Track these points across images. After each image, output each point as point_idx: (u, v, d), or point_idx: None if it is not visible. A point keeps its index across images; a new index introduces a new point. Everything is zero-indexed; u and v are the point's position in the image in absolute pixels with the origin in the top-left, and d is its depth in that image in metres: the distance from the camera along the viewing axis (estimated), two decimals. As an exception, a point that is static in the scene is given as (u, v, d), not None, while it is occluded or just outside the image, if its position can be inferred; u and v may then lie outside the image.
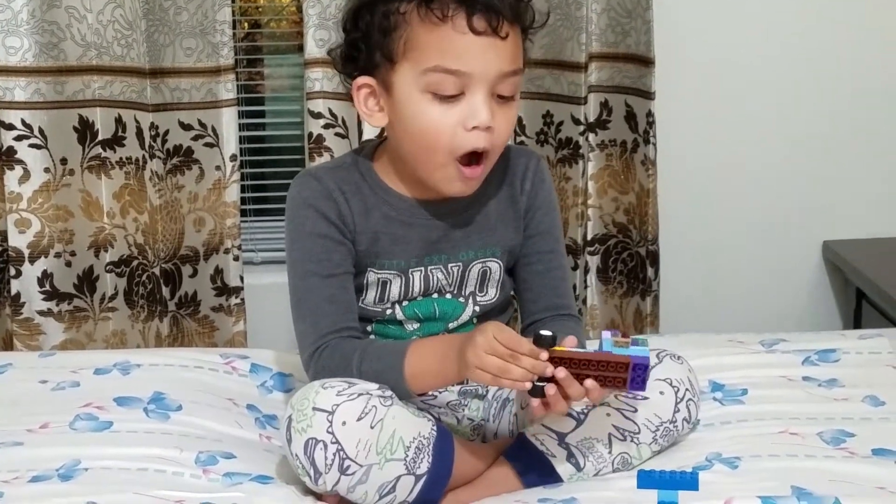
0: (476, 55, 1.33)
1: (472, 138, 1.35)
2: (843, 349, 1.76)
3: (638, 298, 2.43)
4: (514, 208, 1.52)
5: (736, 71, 2.45)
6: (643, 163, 2.36)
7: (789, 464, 1.39)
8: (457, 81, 1.33)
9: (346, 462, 1.29)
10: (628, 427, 1.42)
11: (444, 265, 1.48)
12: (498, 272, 1.52)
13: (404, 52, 1.35)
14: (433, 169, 1.38)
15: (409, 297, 1.48)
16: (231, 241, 2.40)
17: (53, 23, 2.26)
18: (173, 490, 1.35)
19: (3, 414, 1.57)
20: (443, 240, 1.47)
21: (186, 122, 2.35)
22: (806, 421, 1.52)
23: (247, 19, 2.57)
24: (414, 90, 1.35)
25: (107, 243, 2.37)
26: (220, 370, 1.74)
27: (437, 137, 1.35)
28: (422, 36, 1.33)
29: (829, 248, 2.51)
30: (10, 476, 1.38)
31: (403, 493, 1.33)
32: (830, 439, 1.47)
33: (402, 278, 1.46)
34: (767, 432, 1.49)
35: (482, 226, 1.49)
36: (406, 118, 1.37)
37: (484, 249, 1.50)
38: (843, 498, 1.30)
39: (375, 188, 1.45)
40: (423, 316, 1.49)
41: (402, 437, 1.32)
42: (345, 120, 2.37)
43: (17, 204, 2.31)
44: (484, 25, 1.32)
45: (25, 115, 2.28)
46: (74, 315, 2.37)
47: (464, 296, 1.50)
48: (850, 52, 2.45)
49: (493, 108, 1.35)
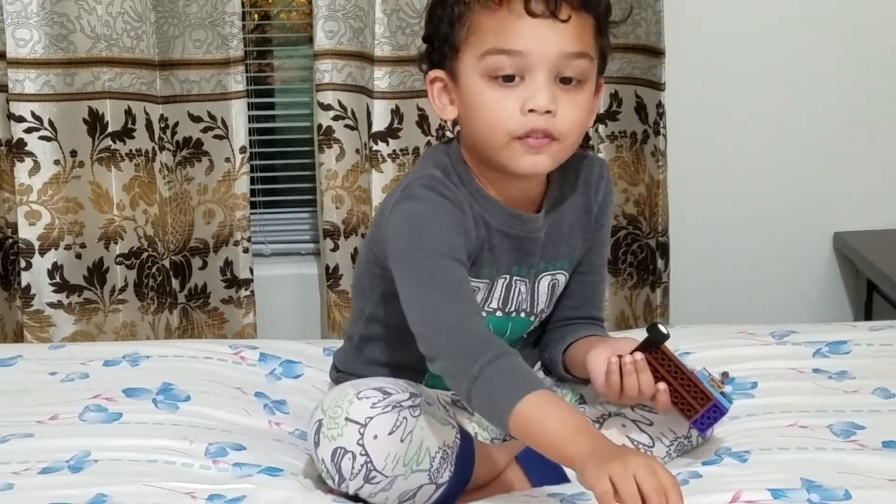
0: (532, 36, 1.31)
1: (531, 121, 1.31)
2: (854, 341, 1.76)
3: (648, 290, 2.43)
4: (587, 217, 1.49)
5: (746, 62, 2.44)
6: (653, 154, 2.36)
7: (799, 456, 1.39)
8: (513, 62, 1.31)
9: (372, 473, 1.29)
10: (642, 440, 1.41)
11: (526, 278, 1.45)
12: (562, 285, 1.50)
13: (466, 39, 1.34)
14: (497, 150, 1.35)
15: (488, 308, 1.44)
16: (241, 233, 2.41)
17: (63, 15, 2.26)
18: (183, 481, 1.35)
19: (14, 405, 1.58)
20: (531, 252, 1.44)
21: (196, 114, 2.35)
22: (816, 413, 1.51)
23: (256, 11, 2.57)
24: (474, 75, 1.33)
25: (117, 235, 2.38)
26: (229, 360, 1.74)
27: (496, 121, 1.32)
28: (481, 21, 1.33)
29: (839, 238, 2.50)
30: (20, 467, 1.39)
31: (422, 498, 1.34)
32: (840, 432, 1.46)
33: (489, 287, 1.44)
34: (777, 425, 1.48)
35: (562, 237, 1.47)
36: (469, 104, 1.35)
37: (556, 261, 1.47)
38: (853, 490, 1.29)
39: (476, 195, 1.40)
40: (494, 330, 1.43)
41: (429, 448, 1.32)
42: (354, 112, 2.37)
43: (27, 196, 2.31)
44: (542, 8, 1.30)
45: (35, 108, 2.28)
46: (84, 307, 2.38)
47: (535, 314, 1.48)
48: (861, 43, 2.44)
49: (555, 93, 1.32)
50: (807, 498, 1.28)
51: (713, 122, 2.46)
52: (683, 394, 1.31)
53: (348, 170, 2.39)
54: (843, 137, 2.48)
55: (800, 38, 2.44)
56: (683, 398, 1.31)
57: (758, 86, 2.45)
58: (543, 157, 1.35)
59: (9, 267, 2.42)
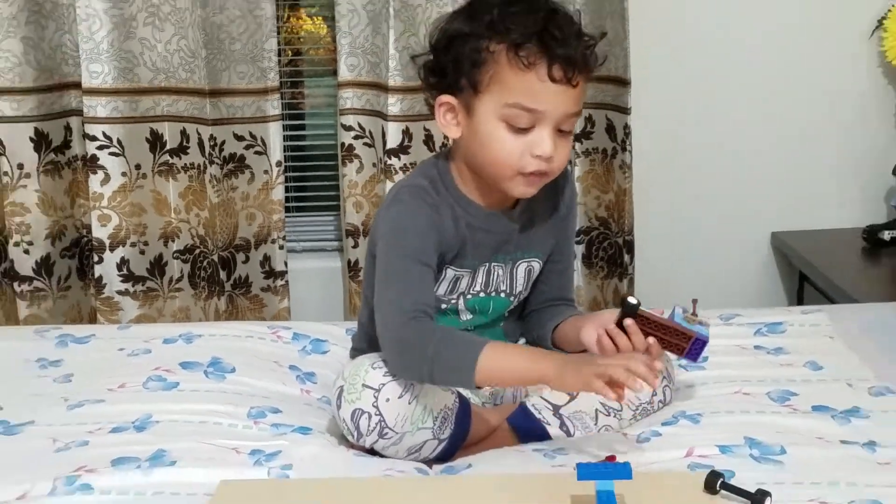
0: (550, 98, 1.30)
1: (535, 163, 1.32)
2: (789, 322, 1.76)
3: (616, 280, 2.43)
4: (556, 214, 1.49)
5: (698, 91, 2.44)
6: (621, 167, 2.36)
7: (742, 419, 1.39)
8: (530, 117, 1.31)
9: (385, 430, 1.30)
10: (613, 405, 1.40)
11: (504, 263, 1.45)
12: (537, 270, 1.49)
13: (489, 85, 1.31)
14: (500, 179, 1.36)
15: (472, 291, 1.45)
16: (276, 232, 2.40)
17: (129, 52, 2.26)
18: (229, 439, 1.35)
19: (88, 376, 1.58)
20: (508, 242, 1.44)
21: (239, 134, 2.35)
22: (756, 383, 1.52)
23: (290, 48, 2.57)
24: (492, 117, 1.32)
25: (174, 235, 2.38)
26: (267, 339, 1.74)
27: (507, 159, 1.33)
28: (508, 76, 1.30)
29: (776, 237, 2.50)
30: (94, 427, 1.39)
31: (427, 451, 1.34)
32: (777, 398, 1.46)
33: (472, 274, 1.44)
34: (724, 392, 1.49)
35: (534, 231, 1.47)
36: (482, 138, 1.34)
37: (531, 251, 1.47)
38: (787, 446, 1.29)
39: (459, 200, 1.40)
40: (478, 309, 1.46)
41: (432, 410, 1.32)
42: (371, 132, 2.37)
43: (99, 202, 2.31)
44: (561, 75, 1.29)
45: (106, 129, 2.29)
46: (147, 294, 2.38)
47: (514, 294, 1.48)
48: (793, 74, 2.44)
49: (555, 141, 1.33)
50: (749, 453, 1.28)
51: (671, 140, 2.46)
52: (669, 339, 1.31)
53: (366, 180, 2.39)
54: (778, 153, 2.48)
55: (739, 73, 2.43)
56: (670, 342, 1.31)
57: (708, 111, 2.45)
58: (535, 187, 1.37)
59: (84, 261, 2.42)
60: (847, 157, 2.47)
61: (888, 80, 2.44)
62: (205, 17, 2.26)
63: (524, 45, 1.28)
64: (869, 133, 2.46)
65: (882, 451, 1.29)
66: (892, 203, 2.46)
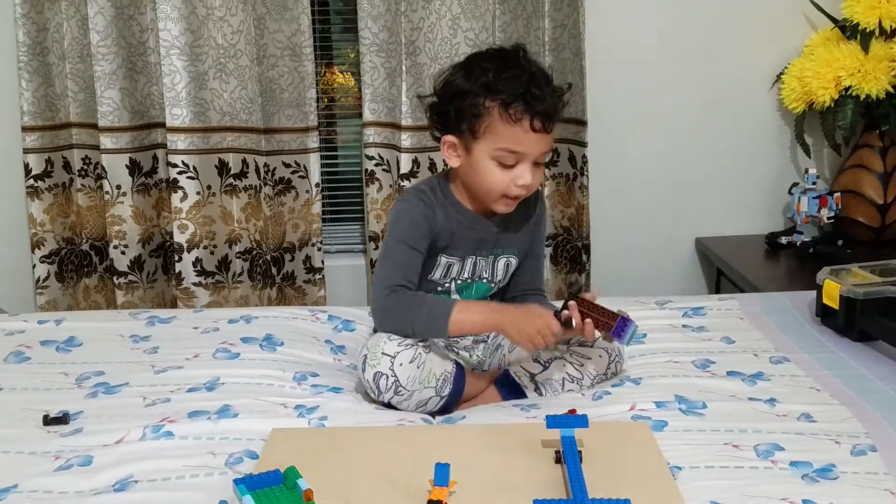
0: (532, 143, 1.31)
1: (517, 190, 1.35)
2: (709, 307, 1.75)
3: (577, 274, 2.43)
4: (528, 221, 1.49)
5: (639, 125, 2.44)
6: (580, 188, 2.36)
7: (673, 381, 1.39)
8: (515, 157, 1.32)
9: (399, 388, 1.30)
10: (576, 375, 1.41)
11: (486, 257, 1.45)
12: (514, 265, 1.49)
13: (484, 133, 1.32)
14: (488, 199, 1.37)
15: (461, 277, 1.44)
16: (315, 238, 2.40)
17: (202, 98, 2.26)
18: (279, 396, 1.35)
19: (170, 348, 1.58)
20: (489, 240, 1.44)
21: (287, 163, 2.35)
22: (683, 353, 1.51)
23: (326, 96, 2.57)
24: (486, 156, 1.33)
25: (237, 240, 2.38)
26: (308, 320, 1.73)
27: (496, 187, 1.35)
28: (499, 127, 1.31)
29: (700, 242, 2.50)
30: (175, 388, 1.39)
31: (431, 405, 1.34)
32: (699, 365, 1.46)
33: (461, 263, 1.44)
34: (659, 361, 1.48)
35: (511, 233, 1.47)
36: (477, 170, 1.35)
37: (509, 248, 1.47)
38: (708, 402, 1.30)
39: (452, 204, 1.41)
40: (466, 291, 1.46)
41: (435, 372, 1.32)
42: (388, 161, 2.36)
43: (179, 215, 2.31)
44: (540, 126, 1.30)
45: (184, 158, 2.28)
46: (216, 286, 2.38)
47: (494, 282, 1.48)
48: (715, 114, 2.44)
49: (533, 171, 1.34)
50: (678, 407, 1.29)
51: (618, 166, 2.46)
52: (602, 320, 1.31)
53: (384, 198, 2.39)
54: (702, 176, 2.47)
55: (671, 113, 2.43)
56: (603, 322, 1.31)
57: (647, 144, 2.45)
58: (514, 206, 1.39)
59: (167, 260, 2.42)
60: (754, 179, 2.47)
61: (785, 121, 2.44)
62: (261, 73, 2.26)
63: (512, 104, 1.29)
64: (772, 160, 2.45)
65: (780, 406, 1.29)
66: (787, 215, 2.47)
